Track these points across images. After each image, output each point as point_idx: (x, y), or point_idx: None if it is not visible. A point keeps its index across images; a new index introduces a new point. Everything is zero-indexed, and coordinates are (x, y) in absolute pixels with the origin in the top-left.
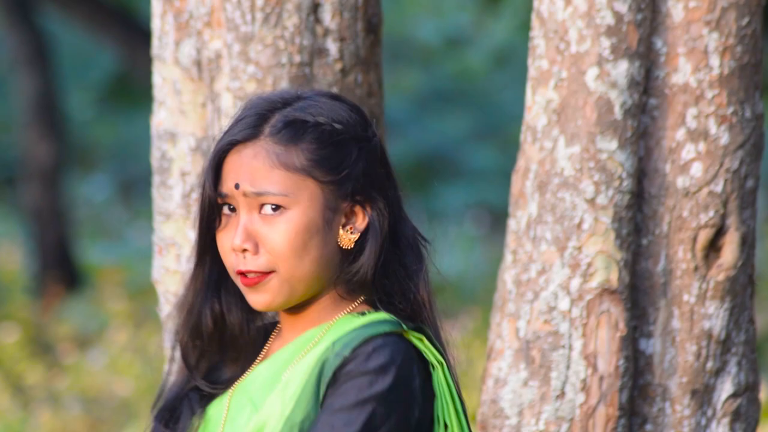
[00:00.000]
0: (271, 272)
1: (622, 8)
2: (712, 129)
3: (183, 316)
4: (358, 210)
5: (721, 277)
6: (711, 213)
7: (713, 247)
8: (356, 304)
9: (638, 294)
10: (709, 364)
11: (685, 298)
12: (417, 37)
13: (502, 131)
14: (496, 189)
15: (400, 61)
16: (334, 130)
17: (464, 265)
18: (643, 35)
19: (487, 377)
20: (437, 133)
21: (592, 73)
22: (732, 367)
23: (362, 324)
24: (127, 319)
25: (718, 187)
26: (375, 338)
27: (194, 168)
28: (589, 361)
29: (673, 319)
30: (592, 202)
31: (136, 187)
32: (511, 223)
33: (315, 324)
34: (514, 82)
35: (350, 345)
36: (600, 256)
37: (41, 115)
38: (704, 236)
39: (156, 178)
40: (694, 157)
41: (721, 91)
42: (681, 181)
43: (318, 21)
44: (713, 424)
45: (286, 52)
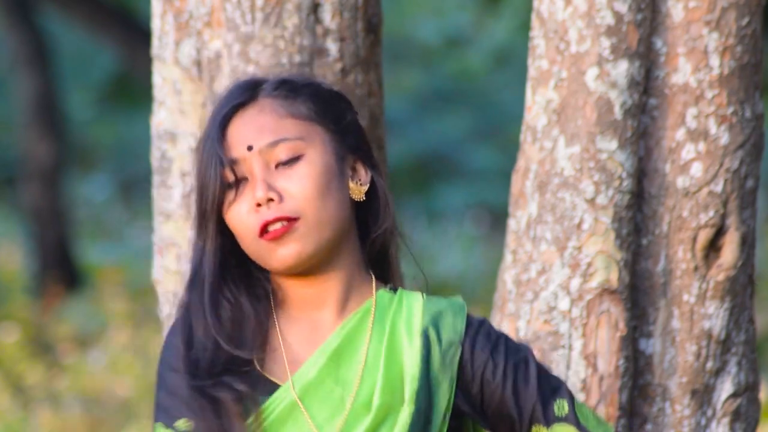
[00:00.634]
0: (297, 219)
1: (622, 8)
2: (712, 129)
3: (204, 290)
4: (359, 165)
5: (721, 277)
6: (711, 213)
7: (713, 247)
8: (375, 281)
9: (638, 294)
10: (709, 364)
11: (685, 298)
12: (417, 37)
13: (502, 131)
14: (496, 189)
15: (400, 61)
16: (323, 88)
17: (464, 265)
18: (643, 35)
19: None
20: (437, 133)
21: (592, 73)
22: (732, 367)
23: (431, 303)
24: (127, 319)
25: (718, 187)
26: (470, 316)
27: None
28: (589, 361)
29: (673, 319)
30: (592, 202)
31: (136, 187)
32: (511, 223)
33: (350, 298)
34: (514, 82)
35: (457, 330)
36: (600, 256)
37: (41, 115)
38: (704, 236)
39: (156, 178)
40: (694, 157)
41: (721, 91)
42: (681, 181)
43: (318, 21)
44: (713, 424)
45: (286, 52)
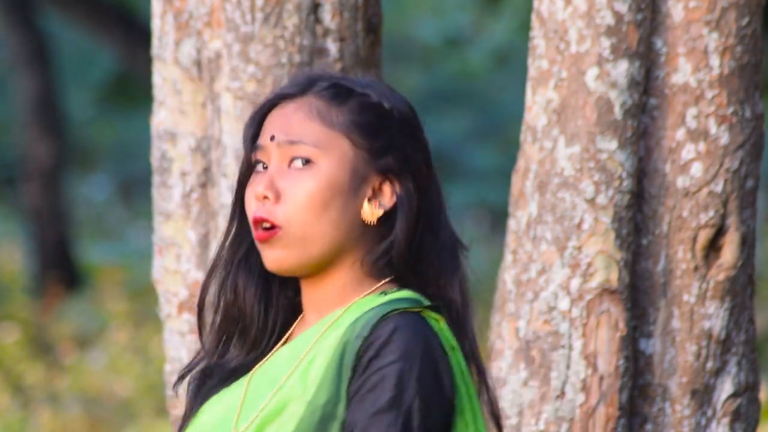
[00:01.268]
0: (280, 227)
1: (622, 8)
2: (712, 129)
3: (210, 272)
4: (386, 187)
5: (721, 277)
6: (711, 213)
7: (713, 247)
8: (381, 284)
9: (638, 294)
10: (709, 364)
11: (685, 298)
12: (417, 37)
13: (502, 131)
14: (496, 189)
15: (400, 61)
16: (381, 104)
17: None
18: (643, 35)
19: (487, 377)
20: (437, 133)
21: (592, 73)
22: (732, 367)
23: (382, 302)
24: (127, 319)
25: (718, 187)
26: (392, 317)
27: (194, 168)
28: (589, 361)
29: (673, 319)
30: (592, 202)
31: (136, 187)
32: (511, 223)
33: (338, 305)
34: (514, 82)
35: (369, 324)
36: (600, 256)
37: (41, 115)
38: (704, 236)
39: (156, 178)
40: (694, 157)
41: (721, 91)
42: (681, 181)
43: (318, 21)
44: (713, 424)
45: (286, 52)
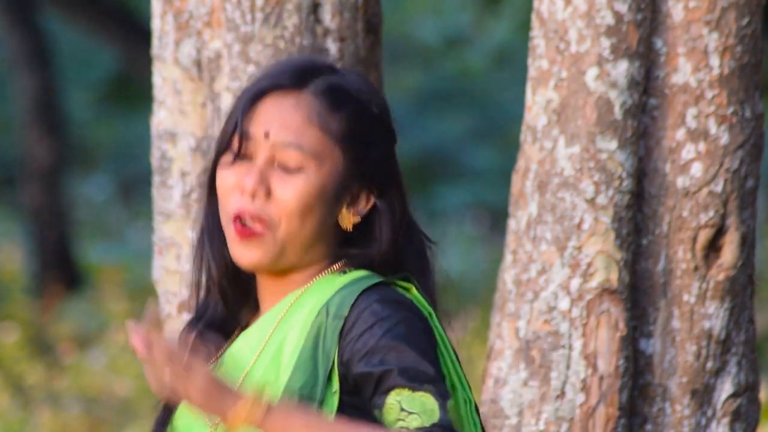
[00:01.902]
0: (269, 227)
1: (622, 8)
2: (712, 129)
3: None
4: (363, 195)
5: (721, 277)
6: (711, 213)
7: (713, 247)
8: (337, 266)
9: (638, 294)
10: (709, 364)
11: (685, 298)
12: (417, 37)
13: (502, 131)
14: (496, 189)
15: (400, 61)
16: (372, 111)
17: (464, 265)
18: (643, 35)
19: (487, 377)
20: (437, 133)
21: (592, 73)
22: (732, 367)
23: (348, 281)
24: (127, 319)
25: (718, 187)
26: (369, 291)
27: (194, 168)
28: (589, 361)
29: (673, 319)
30: (592, 202)
31: (136, 187)
32: (511, 223)
33: (298, 286)
34: (514, 82)
35: (345, 304)
36: (600, 256)
37: (41, 115)
38: (704, 236)
39: (156, 178)
40: (694, 157)
41: (721, 91)
42: (681, 181)
43: (318, 21)
44: (713, 424)
45: (286, 52)
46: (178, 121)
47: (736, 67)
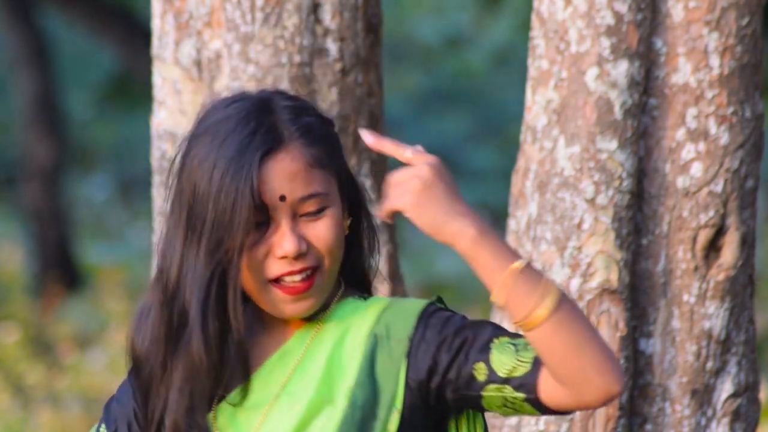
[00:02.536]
0: (318, 269)
1: (622, 8)
2: (712, 129)
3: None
4: (345, 212)
5: (721, 277)
6: (711, 213)
7: (713, 247)
8: (343, 289)
9: (638, 294)
10: (709, 364)
11: (685, 298)
12: (417, 37)
13: (502, 131)
14: (496, 189)
15: (400, 61)
16: (331, 126)
17: (464, 265)
18: (643, 35)
19: None
20: (437, 133)
21: (592, 73)
22: (732, 367)
23: (386, 305)
24: (127, 319)
25: (718, 187)
26: (424, 310)
27: None
28: None
29: (673, 319)
30: (592, 202)
31: (136, 187)
32: (511, 223)
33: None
34: (514, 82)
35: (408, 324)
36: (600, 256)
37: (41, 115)
38: (704, 236)
39: (156, 178)
40: (694, 157)
41: (721, 91)
42: (681, 181)
43: (318, 21)
44: (713, 424)
45: (286, 52)
46: (178, 121)
47: (736, 67)
